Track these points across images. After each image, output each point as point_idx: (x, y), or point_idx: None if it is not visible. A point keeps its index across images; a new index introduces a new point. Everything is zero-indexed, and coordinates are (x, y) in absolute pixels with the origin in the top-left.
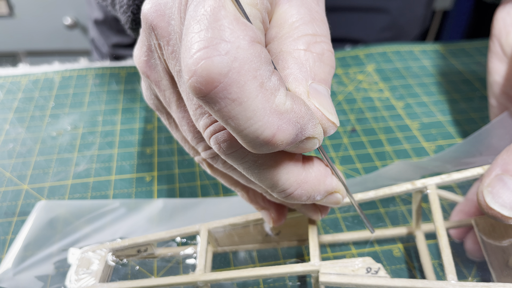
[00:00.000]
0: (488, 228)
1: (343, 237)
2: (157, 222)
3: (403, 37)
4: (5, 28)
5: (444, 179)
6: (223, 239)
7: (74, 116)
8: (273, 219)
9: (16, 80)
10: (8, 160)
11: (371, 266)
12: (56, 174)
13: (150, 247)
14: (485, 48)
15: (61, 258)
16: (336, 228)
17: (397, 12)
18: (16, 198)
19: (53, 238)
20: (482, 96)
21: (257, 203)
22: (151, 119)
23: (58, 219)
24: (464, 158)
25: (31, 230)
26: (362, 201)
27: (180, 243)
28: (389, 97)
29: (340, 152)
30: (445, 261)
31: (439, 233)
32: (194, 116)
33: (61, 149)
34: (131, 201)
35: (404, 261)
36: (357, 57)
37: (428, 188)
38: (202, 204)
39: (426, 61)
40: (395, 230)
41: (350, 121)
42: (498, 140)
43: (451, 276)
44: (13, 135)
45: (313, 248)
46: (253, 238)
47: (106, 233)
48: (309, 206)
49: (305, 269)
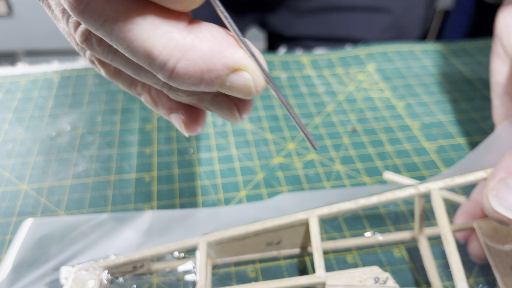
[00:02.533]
0: (491, 232)
1: (346, 243)
2: (150, 235)
3: (405, 37)
4: (4, 27)
5: (447, 183)
6: (222, 250)
7: (73, 116)
8: (184, 123)
9: (15, 80)
10: (7, 160)
11: (379, 275)
12: (55, 174)
13: (146, 262)
14: (486, 48)
15: (54, 279)
16: (337, 229)
17: (399, 12)
18: (15, 198)
19: (43, 258)
20: (483, 96)
21: (162, 105)
22: (150, 119)
23: (47, 237)
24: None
25: (20, 250)
26: (365, 207)
27: (179, 257)
28: (389, 97)
29: (340, 152)
30: (454, 268)
31: (446, 239)
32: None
33: (60, 149)
34: (119, 215)
35: (405, 261)
36: (357, 57)
37: (431, 193)
38: (195, 215)
39: (427, 60)
40: (398, 235)
41: (350, 121)
42: (498, 155)
43: (461, 284)
44: (12, 135)
45: (317, 259)
46: (254, 247)
47: (98, 250)
48: (219, 101)
49: (311, 281)
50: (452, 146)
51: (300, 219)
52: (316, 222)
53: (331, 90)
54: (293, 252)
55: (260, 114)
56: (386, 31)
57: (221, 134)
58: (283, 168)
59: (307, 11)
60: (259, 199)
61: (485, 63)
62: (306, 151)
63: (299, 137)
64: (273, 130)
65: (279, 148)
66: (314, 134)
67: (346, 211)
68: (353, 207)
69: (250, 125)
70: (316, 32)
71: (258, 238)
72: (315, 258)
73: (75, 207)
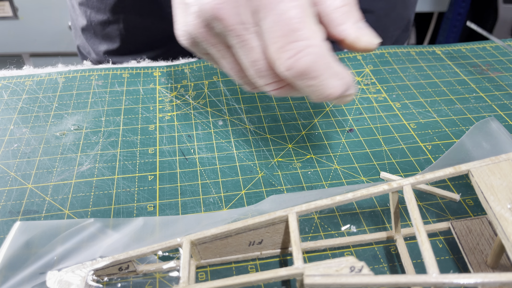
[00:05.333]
0: (465, 231)
1: (325, 244)
2: (138, 239)
3: (386, 38)
4: (10, 30)
5: (418, 179)
6: (206, 251)
7: (77, 116)
8: None
9: (20, 81)
10: (13, 159)
11: (355, 264)
12: (60, 173)
13: (131, 264)
14: (481, 50)
15: (39, 282)
16: (336, 226)
17: (380, 12)
18: (20, 197)
19: (29, 261)
20: (478, 96)
21: None
22: (153, 120)
23: (33, 240)
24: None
25: (6, 253)
26: (341, 203)
27: (161, 257)
28: (386, 97)
29: (337, 152)
30: (425, 255)
31: (418, 229)
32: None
33: (64, 149)
34: (110, 220)
35: (385, 261)
36: (355, 58)
37: (404, 188)
38: (184, 220)
39: (423, 62)
40: (375, 235)
41: (348, 120)
42: (474, 148)
43: (432, 269)
44: (17, 135)
45: (296, 251)
46: (236, 247)
47: (85, 253)
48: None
49: (290, 272)
50: (447, 145)
51: (280, 216)
52: (294, 219)
53: None
54: (275, 253)
55: (260, 114)
56: None
57: (222, 135)
58: (282, 167)
59: None
60: (259, 198)
61: (479, 65)
62: (305, 150)
63: (299, 137)
64: (273, 130)
65: (278, 148)
66: (314, 134)
67: (323, 207)
68: (330, 203)
69: (250, 125)
70: None
71: (240, 238)
72: (293, 251)
73: (79, 205)
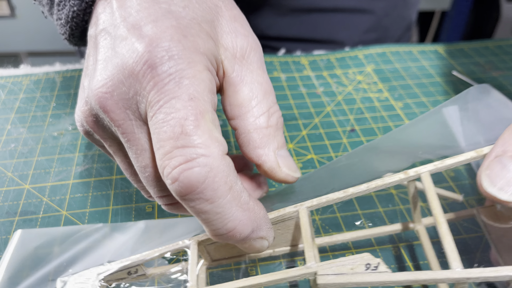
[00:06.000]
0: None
1: (341, 238)
2: (144, 242)
3: (387, 38)
4: (7, 29)
5: (437, 165)
6: (215, 251)
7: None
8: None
9: (17, 80)
10: (10, 160)
11: (370, 262)
12: (58, 174)
13: (140, 268)
14: (483, 49)
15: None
16: (337, 228)
17: (381, 13)
18: (17, 198)
19: (36, 269)
20: None
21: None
22: None
23: (39, 248)
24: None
25: (11, 262)
26: (354, 195)
27: (172, 260)
28: (388, 97)
29: (339, 152)
30: (447, 248)
31: (438, 220)
32: (161, 165)
33: (62, 149)
34: (112, 224)
35: (404, 260)
36: (356, 58)
37: (421, 176)
38: (186, 222)
39: (425, 61)
40: (394, 227)
41: (349, 121)
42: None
43: (455, 264)
44: (14, 135)
45: (308, 249)
46: None
47: (92, 258)
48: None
49: (301, 272)
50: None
51: (290, 212)
52: (305, 214)
53: (330, 90)
54: (286, 250)
55: None
56: (368, 33)
57: (222, 134)
58: None
59: (290, 12)
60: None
61: (481, 64)
62: (305, 151)
63: (299, 137)
64: None
65: None
66: (314, 134)
67: (336, 201)
68: (342, 196)
69: None
70: (299, 33)
71: None
72: (305, 248)
73: (77, 206)
